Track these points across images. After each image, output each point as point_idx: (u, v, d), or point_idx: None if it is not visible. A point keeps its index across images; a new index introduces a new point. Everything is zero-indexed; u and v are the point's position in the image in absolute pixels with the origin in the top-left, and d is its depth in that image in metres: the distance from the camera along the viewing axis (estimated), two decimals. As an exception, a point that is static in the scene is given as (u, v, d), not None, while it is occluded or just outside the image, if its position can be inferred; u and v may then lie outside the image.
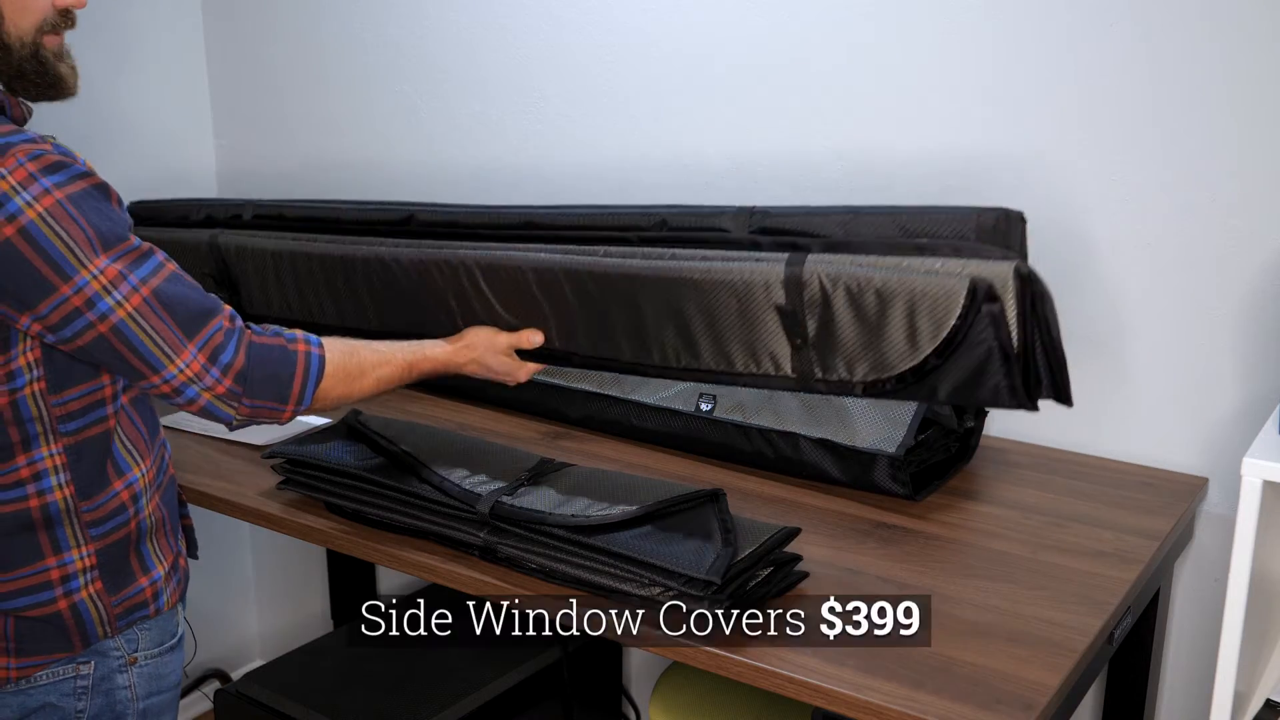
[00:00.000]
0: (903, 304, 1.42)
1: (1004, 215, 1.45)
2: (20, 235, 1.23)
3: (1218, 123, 1.66)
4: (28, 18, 1.33)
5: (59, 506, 1.36)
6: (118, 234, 1.30)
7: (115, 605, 1.41)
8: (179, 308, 1.33)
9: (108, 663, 1.42)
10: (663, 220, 1.64)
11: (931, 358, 1.42)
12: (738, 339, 1.56)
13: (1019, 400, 1.42)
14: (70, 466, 1.36)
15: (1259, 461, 1.26)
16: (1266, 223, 1.65)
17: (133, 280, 1.30)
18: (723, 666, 1.33)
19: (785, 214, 1.57)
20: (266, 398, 1.39)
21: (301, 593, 2.83)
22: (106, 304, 1.28)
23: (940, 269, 1.40)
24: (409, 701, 1.92)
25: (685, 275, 1.55)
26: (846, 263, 1.46)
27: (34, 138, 1.29)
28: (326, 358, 1.45)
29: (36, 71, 1.36)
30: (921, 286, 1.41)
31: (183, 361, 1.33)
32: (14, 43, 1.33)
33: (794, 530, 1.48)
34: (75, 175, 1.29)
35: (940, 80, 1.84)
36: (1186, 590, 1.81)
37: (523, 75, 2.22)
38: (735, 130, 2.03)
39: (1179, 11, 1.65)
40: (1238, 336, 1.70)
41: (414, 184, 2.40)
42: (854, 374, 1.50)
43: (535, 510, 1.49)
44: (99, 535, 1.39)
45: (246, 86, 2.59)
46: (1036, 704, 1.23)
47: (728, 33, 2.00)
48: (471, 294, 1.70)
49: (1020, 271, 1.37)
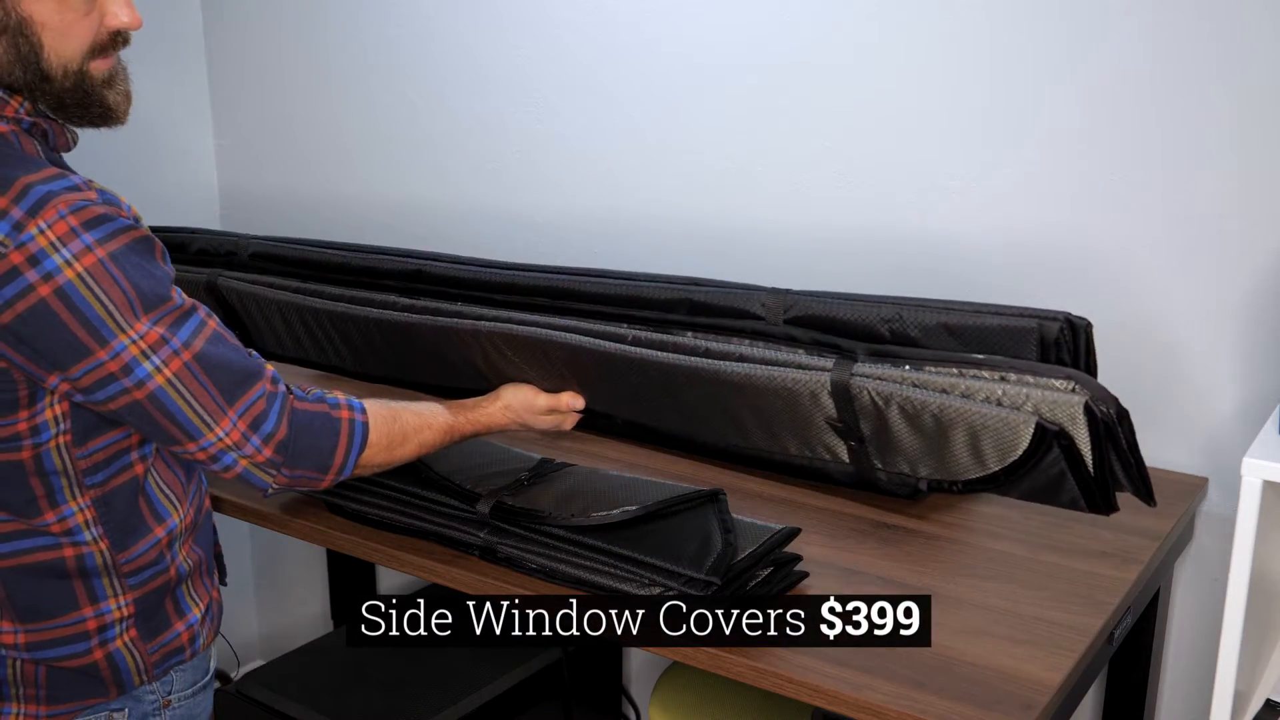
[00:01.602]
0: (963, 430, 1.37)
1: (1068, 325, 1.38)
2: (56, 296, 1.16)
3: (1218, 124, 1.66)
4: (71, 44, 1.24)
5: (95, 560, 1.31)
6: (159, 294, 1.23)
7: (152, 653, 1.37)
8: (220, 372, 1.26)
9: (141, 708, 1.39)
10: (688, 301, 1.59)
11: (1000, 474, 1.39)
12: (789, 431, 1.52)
13: (1097, 509, 1.38)
14: (102, 520, 1.31)
15: (1259, 461, 1.26)
16: (1266, 223, 1.65)
17: (174, 345, 1.22)
18: (723, 666, 1.33)
19: (821, 300, 1.52)
20: (307, 467, 1.33)
21: (301, 593, 2.83)
22: (145, 370, 1.21)
23: (1003, 397, 1.33)
24: (409, 701, 1.92)
25: (724, 376, 1.50)
26: (898, 380, 1.39)
27: (78, 184, 1.20)
28: (370, 425, 1.38)
29: (78, 102, 1.27)
30: (983, 419, 1.35)
31: (222, 430, 1.26)
32: (55, 71, 1.24)
33: (794, 530, 1.48)
34: (119, 230, 1.20)
35: (941, 81, 1.84)
36: (1186, 590, 1.81)
37: (522, 75, 2.22)
38: (734, 130, 2.03)
39: (1179, 12, 1.65)
40: (1238, 337, 1.70)
41: (414, 183, 2.41)
42: (917, 471, 1.47)
43: (535, 510, 1.49)
44: (136, 584, 1.34)
45: (246, 87, 2.59)
46: (1036, 704, 1.23)
47: (727, 33, 2.00)
48: (497, 358, 1.65)
49: (1092, 410, 1.29)
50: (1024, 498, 1.42)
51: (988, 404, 1.34)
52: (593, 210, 2.21)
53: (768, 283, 2.04)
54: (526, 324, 1.61)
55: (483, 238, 2.34)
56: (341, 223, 2.53)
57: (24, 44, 1.22)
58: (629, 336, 1.56)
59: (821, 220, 1.98)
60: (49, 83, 1.24)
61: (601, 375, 1.58)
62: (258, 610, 2.91)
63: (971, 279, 1.87)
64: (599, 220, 2.20)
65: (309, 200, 2.57)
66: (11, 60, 1.22)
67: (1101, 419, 1.30)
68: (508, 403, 1.60)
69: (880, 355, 1.43)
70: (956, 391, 1.36)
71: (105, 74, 1.28)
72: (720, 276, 2.08)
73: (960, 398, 1.36)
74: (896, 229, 1.92)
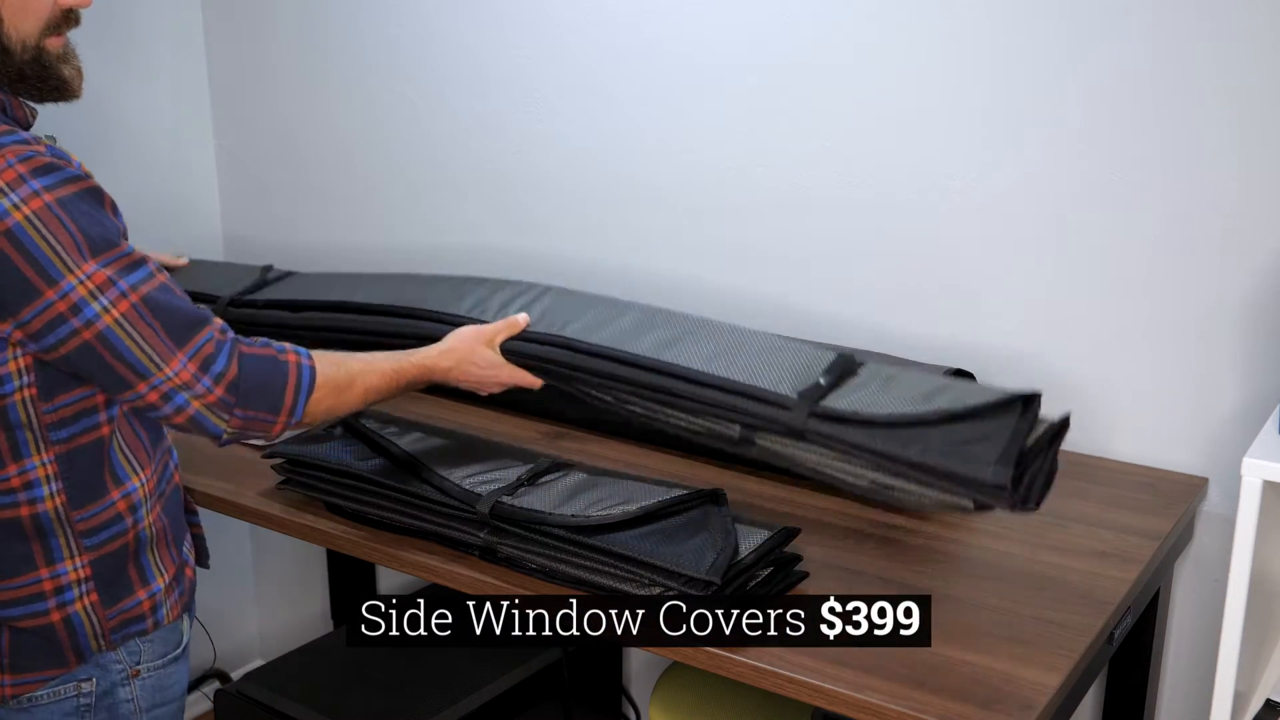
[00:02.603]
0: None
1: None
2: (5, 238, 1.20)
3: (1218, 123, 1.66)
4: (29, 20, 1.29)
5: (49, 515, 1.33)
6: (108, 239, 1.27)
7: (110, 619, 1.38)
8: (169, 316, 1.29)
9: (109, 676, 1.40)
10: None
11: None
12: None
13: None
14: (62, 475, 1.33)
15: (1259, 461, 1.26)
16: (1266, 223, 1.65)
17: (122, 286, 1.26)
18: (723, 666, 1.33)
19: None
20: (260, 408, 1.35)
21: (301, 593, 2.83)
22: (93, 309, 1.24)
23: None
24: (409, 701, 1.92)
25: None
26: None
27: (27, 138, 1.26)
28: (317, 369, 1.41)
29: (38, 75, 1.32)
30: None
31: (172, 370, 1.29)
32: (14, 45, 1.29)
33: (794, 530, 1.48)
34: (67, 178, 1.25)
35: (941, 81, 1.84)
36: (1186, 590, 1.81)
37: (522, 76, 2.22)
38: (734, 130, 2.03)
39: (1179, 11, 1.65)
40: (1238, 336, 1.70)
41: (414, 183, 2.41)
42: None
43: (535, 510, 1.49)
44: (93, 545, 1.36)
45: (246, 87, 2.59)
46: (1036, 704, 1.23)
47: (727, 33, 2.00)
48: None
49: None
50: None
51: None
52: (593, 210, 2.21)
53: (768, 282, 2.05)
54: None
55: (483, 237, 2.34)
56: (342, 222, 2.53)
57: None
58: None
59: (821, 220, 1.98)
60: (8, 56, 1.30)
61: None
62: (258, 610, 2.91)
63: (973, 278, 1.87)
64: (599, 220, 2.20)
65: (309, 200, 2.57)
66: None
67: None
68: (451, 346, 1.61)
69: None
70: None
71: (59, 50, 1.34)
72: (720, 275, 2.09)
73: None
74: (896, 229, 1.92)
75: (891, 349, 1.93)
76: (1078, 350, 1.82)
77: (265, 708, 1.95)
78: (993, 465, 1.29)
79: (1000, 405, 1.38)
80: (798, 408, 1.40)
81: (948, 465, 1.33)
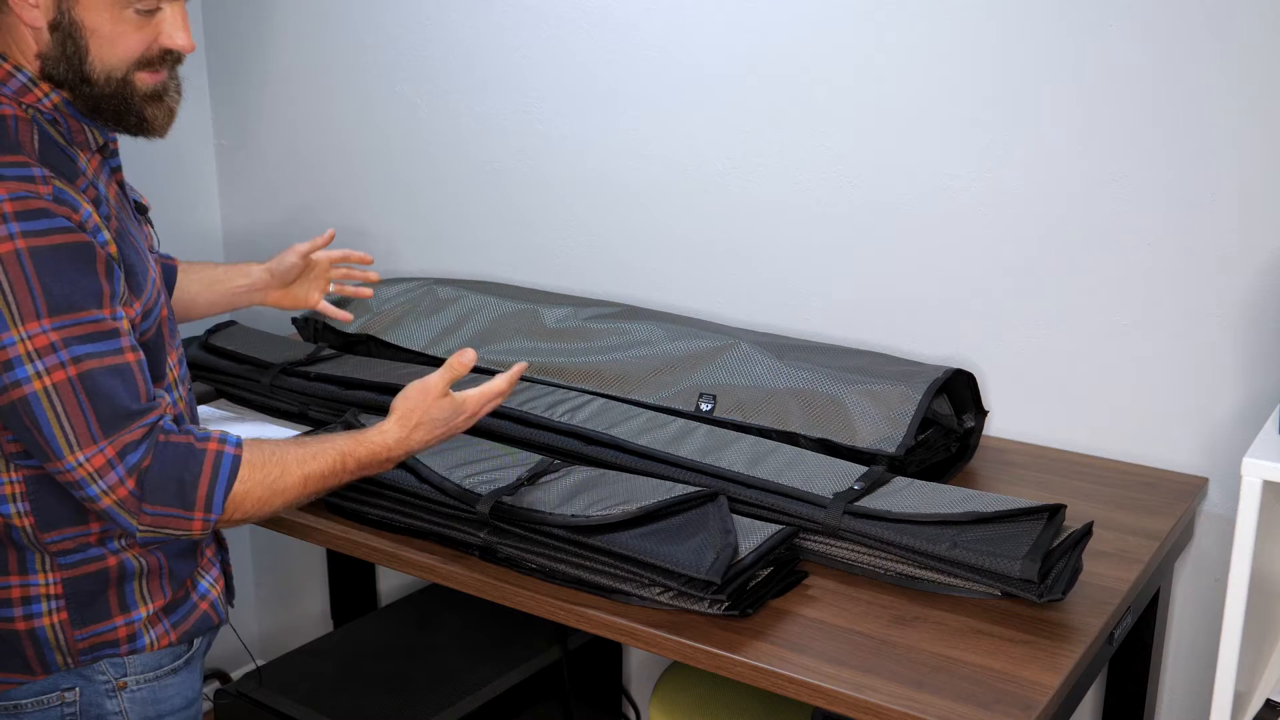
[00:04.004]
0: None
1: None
2: None
3: (1218, 123, 1.66)
4: (117, 53, 1.27)
5: (20, 533, 1.31)
6: (72, 302, 1.20)
7: (80, 640, 1.34)
8: (105, 401, 1.21)
9: (93, 688, 1.37)
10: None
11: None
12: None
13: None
14: (29, 496, 1.29)
15: (1259, 461, 1.26)
16: (1267, 223, 1.65)
17: (63, 355, 1.19)
18: (723, 666, 1.33)
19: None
20: (166, 503, 1.24)
21: (301, 593, 2.83)
22: (25, 371, 1.18)
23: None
24: (409, 701, 1.92)
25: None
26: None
27: (34, 176, 1.21)
28: (243, 459, 1.29)
29: (115, 109, 1.30)
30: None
31: (84, 454, 1.20)
32: (98, 76, 1.28)
33: (794, 530, 1.48)
34: (56, 229, 1.20)
35: (941, 81, 1.84)
36: (1186, 590, 1.81)
37: (522, 76, 2.22)
38: (734, 130, 2.03)
39: (1179, 11, 1.65)
40: (1238, 336, 1.70)
41: (413, 184, 2.41)
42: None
43: (535, 510, 1.49)
44: (67, 565, 1.33)
45: (246, 86, 2.59)
46: (1036, 704, 1.23)
47: (728, 33, 2.00)
48: None
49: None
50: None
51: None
52: (592, 210, 2.21)
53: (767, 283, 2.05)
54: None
55: (483, 237, 2.34)
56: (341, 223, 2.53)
57: (71, 45, 1.26)
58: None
59: (821, 220, 1.98)
60: (89, 85, 1.28)
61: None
62: (258, 610, 2.91)
63: (973, 278, 1.87)
64: (598, 220, 2.20)
65: (309, 200, 2.57)
66: (58, 56, 1.27)
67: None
68: (403, 410, 1.43)
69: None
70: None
71: (151, 88, 1.32)
72: (720, 276, 2.09)
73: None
74: (896, 229, 1.92)
75: (891, 348, 1.93)
76: (1078, 350, 1.82)
77: (265, 708, 1.95)
78: (1020, 560, 1.37)
79: (1027, 512, 1.47)
80: (834, 505, 1.49)
81: (977, 560, 1.39)
